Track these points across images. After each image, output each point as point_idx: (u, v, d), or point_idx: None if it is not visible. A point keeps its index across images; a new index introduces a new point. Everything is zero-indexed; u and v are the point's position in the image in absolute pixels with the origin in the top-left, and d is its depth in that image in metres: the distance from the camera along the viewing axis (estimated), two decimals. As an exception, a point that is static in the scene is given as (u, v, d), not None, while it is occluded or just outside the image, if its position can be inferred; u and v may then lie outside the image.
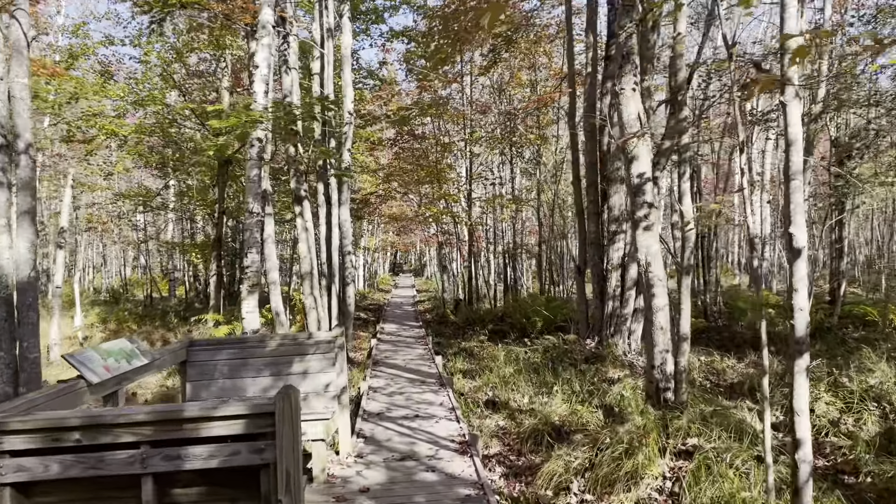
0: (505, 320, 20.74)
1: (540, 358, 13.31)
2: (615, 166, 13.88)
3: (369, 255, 47.32)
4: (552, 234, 22.50)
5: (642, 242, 7.79)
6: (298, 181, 14.54)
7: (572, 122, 15.30)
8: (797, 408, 4.31)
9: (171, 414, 3.65)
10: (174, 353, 6.67)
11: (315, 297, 14.54)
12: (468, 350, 16.50)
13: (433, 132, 24.15)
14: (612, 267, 13.85)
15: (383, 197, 26.32)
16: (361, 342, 19.39)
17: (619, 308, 13.78)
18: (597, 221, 14.49)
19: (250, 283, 10.71)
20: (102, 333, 20.95)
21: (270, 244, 14.45)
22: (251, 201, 10.66)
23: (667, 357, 7.75)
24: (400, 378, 12.06)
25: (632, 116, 7.84)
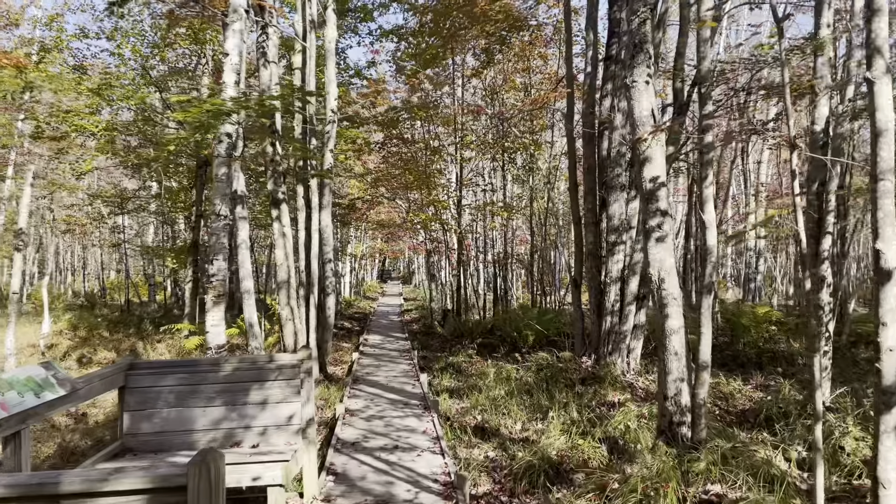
0: (494, 333, 19.76)
1: (533, 377, 12.34)
2: (615, 172, 12.97)
3: (356, 262, 46.22)
4: (545, 244, 21.56)
5: (655, 255, 6.86)
6: (276, 183, 13.52)
7: (570, 126, 14.39)
8: (882, 477, 3.35)
9: (43, 487, 2.63)
10: (107, 380, 5.65)
11: (292, 308, 13.50)
12: (456, 366, 15.51)
13: (423, 135, 23.19)
14: (611, 280, 12.92)
15: (371, 202, 25.30)
16: (343, 354, 18.36)
17: (618, 324, 12.84)
18: (595, 231, 13.57)
19: (216, 293, 9.68)
20: (70, 341, 19.79)
21: (244, 250, 13.43)
22: (219, 202, 9.65)
23: (682, 387, 6.80)
24: (381, 399, 11.05)
25: (644, 113, 6.92)
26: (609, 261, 13.00)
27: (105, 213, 24.62)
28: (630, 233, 13.01)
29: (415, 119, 23.00)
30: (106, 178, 34.79)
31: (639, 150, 6.95)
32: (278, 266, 13.58)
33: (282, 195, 13.60)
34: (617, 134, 12.98)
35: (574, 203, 14.23)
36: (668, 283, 6.81)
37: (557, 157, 21.57)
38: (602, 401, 10.74)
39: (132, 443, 5.94)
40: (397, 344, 18.92)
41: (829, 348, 8.49)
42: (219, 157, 9.61)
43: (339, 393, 11.76)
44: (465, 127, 22.35)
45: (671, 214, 7.06)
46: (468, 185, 22.48)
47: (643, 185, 6.94)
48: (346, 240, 40.13)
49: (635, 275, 12.75)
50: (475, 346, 17.69)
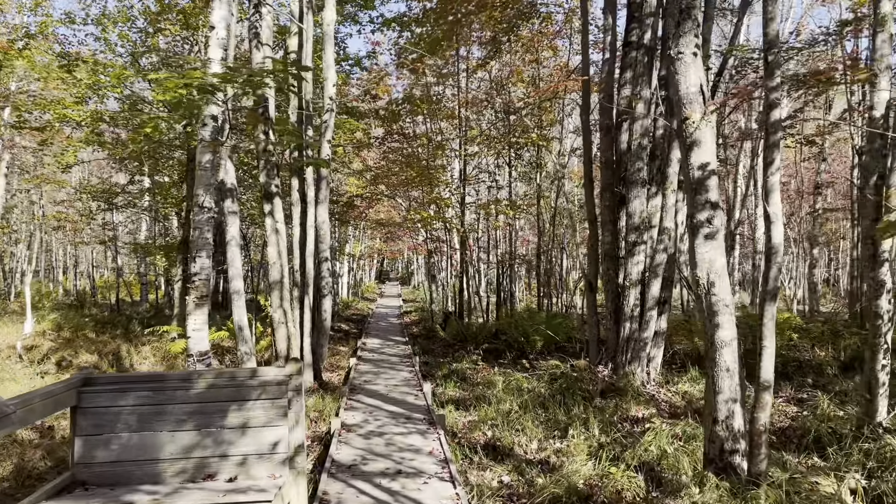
0: (500, 337, 18.78)
1: (546, 388, 11.37)
2: (636, 167, 11.99)
3: (354, 262, 45.21)
4: (552, 245, 20.59)
5: (703, 254, 5.88)
6: (269, 175, 12.52)
7: (585, 117, 13.42)
8: None
9: None
10: (54, 399, 4.64)
11: (285, 311, 12.50)
12: (460, 373, 14.53)
13: (426, 131, 22.20)
14: (631, 283, 11.94)
15: (370, 199, 24.28)
16: (340, 359, 17.36)
17: (638, 331, 11.87)
18: (612, 230, 12.60)
19: (199, 294, 8.70)
20: (53, 342, 18.75)
21: (234, 247, 12.43)
22: (202, 193, 8.67)
23: (734, 409, 5.82)
24: (381, 412, 10.05)
25: (692, 89, 5.94)
26: (628, 262, 12.03)
27: (93, 209, 23.59)
28: (651, 232, 12.04)
29: (417, 113, 22.04)
30: (97, 174, 33.77)
31: (685, 133, 5.98)
32: (270, 265, 12.58)
33: (275, 188, 12.60)
34: (638, 125, 12.00)
35: (589, 200, 13.25)
36: (718, 288, 5.83)
37: (566, 154, 20.60)
38: (625, 416, 9.77)
39: (85, 474, 4.94)
40: (397, 349, 17.93)
41: (888, 361, 7.51)
42: (202, 142, 8.62)
43: (335, 404, 10.76)
44: (469, 122, 21.39)
45: (722, 207, 6.07)
46: (472, 182, 21.48)
47: (690, 172, 5.96)
48: (344, 239, 39.08)
49: (657, 277, 11.78)
50: (480, 351, 16.70)
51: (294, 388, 5.19)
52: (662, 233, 11.78)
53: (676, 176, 11.84)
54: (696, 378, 11.95)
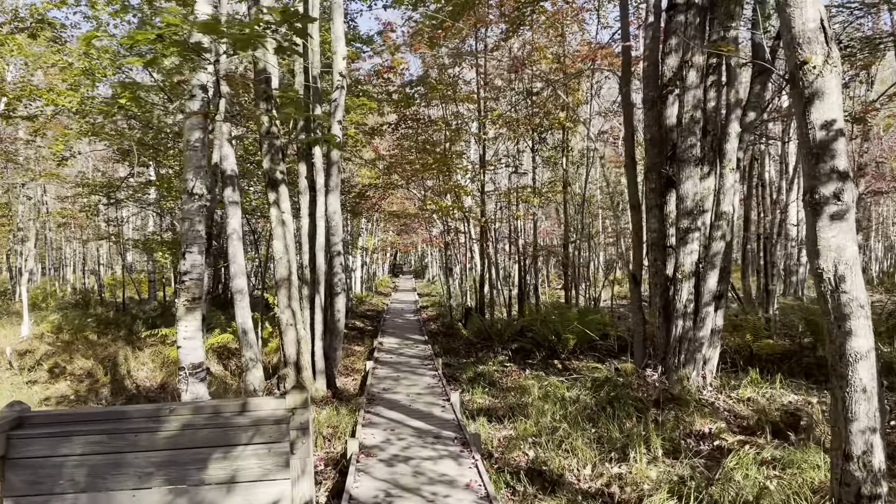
0: (526, 335, 17.41)
1: (590, 396, 10.00)
2: (688, 143, 10.55)
3: (367, 256, 43.90)
4: (581, 234, 19.14)
5: (830, 240, 4.50)
6: (273, 160, 11.21)
7: (626, 88, 12.00)
8: None
9: None
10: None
11: (294, 311, 11.21)
12: (487, 376, 13.21)
13: (442, 115, 20.78)
14: (683, 275, 10.52)
15: (384, 188, 22.89)
16: (355, 361, 16.08)
17: (692, 329, 10.46)
18: (659, 216, 11.19)
19: (189, 296, 7.39)
20: (50, 346, 17.56)
21: (236, 241, 11.15)
22: (191, 178, 7.34)
23: (873, 442, 4.46)
24: (404, 428, 8.72)
25: (810, 25, 4.55)
26: (680, 252, 10.61)
27: (93, 204, 22.38)
28: (704, 217, 10.62)
29: (432, 98, 20.65)
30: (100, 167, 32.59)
31: (802, 82, 4.58)
32: (277, 260, 11.29)
33: (280, 175, 11.29)
34: (690, 95, 10.56)
35: (632, 183, 11.84)
36: (850, 283, 4.46)
37: (594, 137, 19.12)
38: (688, 431, 8.40)
39: (17, 550, 3.63)
40: (416, 348, 16.60)
41: None
42: (191, 116, 7.29)
43: (352, 418, 9.45)
44: (488, 104, 19.97)
45: (852, 178, 4.65)
46: (492, 168, 20.02)
47: (810, 133, 4.57)
48: (357, 232, 37.76)
49: (714, 268, 10.35)
50: (508, 352, 15.36)
51: (299, 427, 3.87)
52: (720, 218, 10.35)
53: (735, 153, 10.41)
54: (757, 382, 10.55)
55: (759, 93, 11.19)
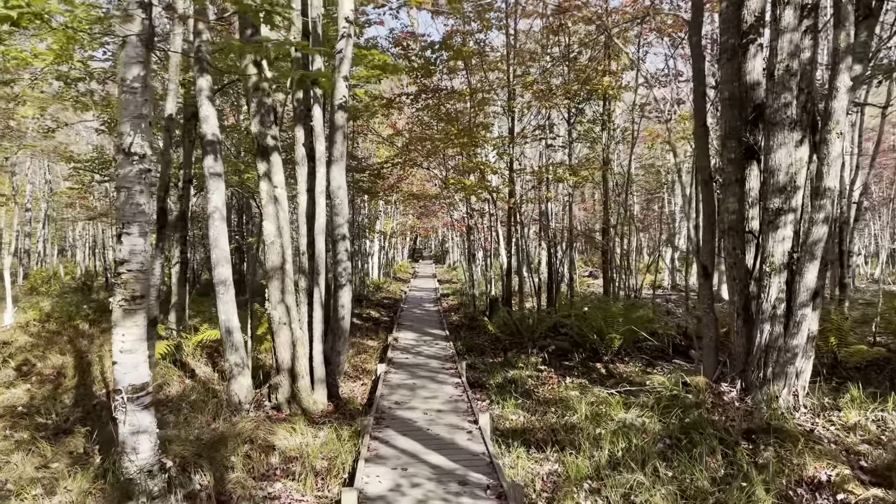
0: (561, 331, 15.33)
1: (655, 419, 7.91)
2: (781, 101, 8.33)
3: (385, 241, 41.91)
4: (623, 218, 16.94)
5: None
6: (263, 122, 9.18)
7: (696, 36, 9.78)
8: None
9: None
10: None
11: (288, 307, 9.23)
12: (519, 383, 11.18)
13: (468, 85, 18.61)
14: (772, 268, 8.36)
15: (402, 165, 20.77)
16: (367, 359, 14.10)
17: (783, 336, 8.31)
18: (739, 194, 9.02)
19: (128, 294, 5.41)
20: (31, 337, 15.77)
21: (219, 221, 9.13)
22: (129, 131, 5.32)
23: None
24: (419, 465, 6.70)
25: None
26: (768, 238, 8.43)
27: (87, 182, 20.63)
28: (797, 195, 8.44)
29: (454, 69, 18.52)
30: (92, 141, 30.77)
31: None
32: (268, 245, 9.30)
33: (272, 141, 9.26)
34: (785, 41, 8.33)
35: (703, 153, 9.66)
36: None
37: (638, 108, 16.86)
38: (798, 477, 6.29)
39: None
40: (436, 346, 14.60)
41: None
42: (127, 45, 5.26)
43: (353, 445, 7.44)
44: (518, 70, 17.78)
45: None
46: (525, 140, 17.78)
47: None
48: (374, 215, 35.75)
49: (813, 259, 8.17)
50: (544, 354, 13.29)
51: None
52: (822, 196, 8.15)
53: (844, 113, 8.18)
54: (861, 401, 8.39)
55: (865, 42, 8.95)
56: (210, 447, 6.92)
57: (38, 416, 8.63)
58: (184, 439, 6.97)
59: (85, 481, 5.74)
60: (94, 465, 6.15)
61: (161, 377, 10.74)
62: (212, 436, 7.35)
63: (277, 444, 7.42)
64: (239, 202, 26.68)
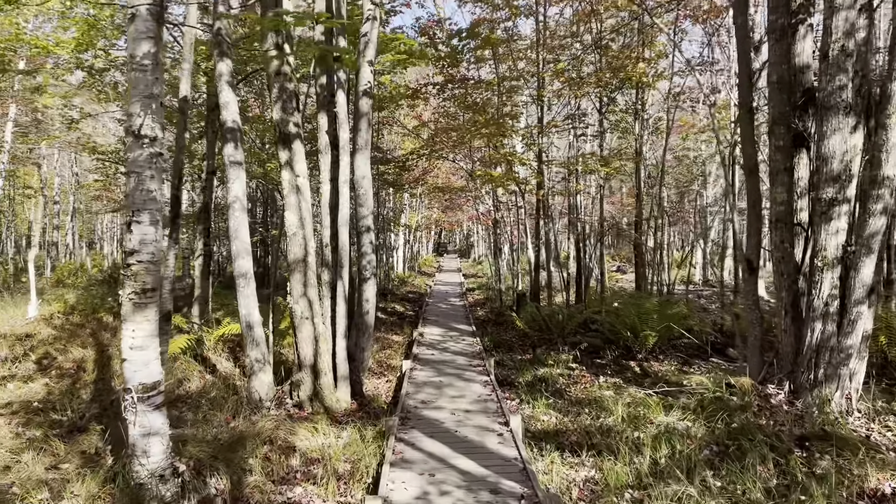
0: (591, 328, 14.83)
1: (699, 423, 7.42)
2: (836, 84, 7.76)
3: (411, 234, 41.55)
4: (657, 210, 16.34)
5: None
6: (285, 109, 8.82)
7: (742, 18, 9.21)
8: None
9: None
10: None
11: (310, 301, 8.88)
12: (550, 382, 10.73)
13: (496, 75, 18.12)
14: (825, 262, 7.81)
15: (428, 157, 20.34)
16: (392, 355, 13.74)
17: (836, 335, 7.77)
18: (788, 183, 8.47)
19: (138, 287, 5.07)
20: (54, 329, 15.64)
21: (239, 212, 8.80)
22: (138, 113, 4.97)
23: None
24: (448, 471, 6.29)
25: None
26: (820, 231, 7.88)
27: (110, 174, 20.51)
28: (851, 185, 7.87)
29: (482, 59, 18.02)
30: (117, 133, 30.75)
31: None
32: (290, 237, 8.94)
33: (294, 128, 8.90)
34: (841, 18, 7.75)
35: (748, 139, 9.10)
36: None
37: (672, 97, 16.24)
38: (860, 489, 5.78)
39: None
40: (463, 342, 14.20)
41: None
42: (136, 18, 4.91)
43: (378, 447, 7.07)
44: (547, 58, 17.25)
45: None
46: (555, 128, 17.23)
47: None
48: (400, 208, 35.40)
49: (870, 253, 7.63)
50: (576, 352, 12.81)
51: None
52: (879, 185, 7.58)
53: (904, 95, 7.61)
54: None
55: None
56: (228, 448, 6.59)
57: (54, 413, 8.37)
58: (200, 439, 6.64)
59: (94, 484, 5.42)
60: (105, 466, 5.84)
61: (181, 372, 10.45)
62: (230, 435, 7.02)
63: (298, 445, 7.08)
64: (263, 194, 26.48)
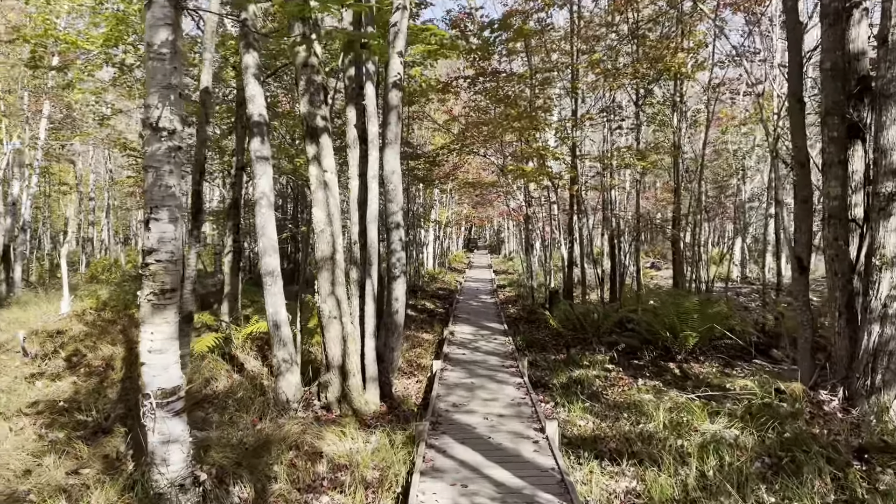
0: (628, 327, 14.38)
1: (748, 431, 6.99)
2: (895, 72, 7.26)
3: (441, 230, 41.28)
4: (697, 206, 15.78)
5: None
6: (313, 102, 8.56)
7: (791, 1, 8.69)
8: None
9: None
10: None
11: (338, 300, 8.62)
12: (586, 384, 10.34)
13: (528, 67, 17.70)
14: (883, 261, 7.30)
15: (459, 152, 20.00)
16: (422, 354, 13.47)
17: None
18: (842, 177, 7.97)
19: (157, 288, 4.82)
20: (86, 326, 15.65)
21: (266, 208, 8.57)
22: (156, 104, 4.71)
23: None
24: (481, 482, 5.96)
25: None
26: (879, 227, 7.37)
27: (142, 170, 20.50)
28: (912, 178, 7.35)
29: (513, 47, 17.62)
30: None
31: None
32: (317, 234, 8.69)
33: (322, 122, 8.64)
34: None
35: (799, 131, 8.60)
36: None
37: (712, 89, 15.66)
38: (930, 509, 5.33)
39: None
40: (494, 341, 13.87)
41: None
42: (153, 4, 4.66)
43: (407, 453, 6.77)
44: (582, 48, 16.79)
45: None
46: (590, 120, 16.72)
47: None
48: (430, 204, 35.14)
49: (935, 252, 7.12)
50: (613, 353, 12.39)
51: None
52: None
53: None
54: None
55: None
56: (252, 453, 6.35)
57: (79, 413, 8.23)
58: (224, 444, 6.41)
59: (113, 492, 5.21)
60: (126, 473, 5.63)
61: (209, 371, 10.28)
62: (256, 439, 6.79)
63: (325, 450, 6.81)
64: (294, 190, 26.40)
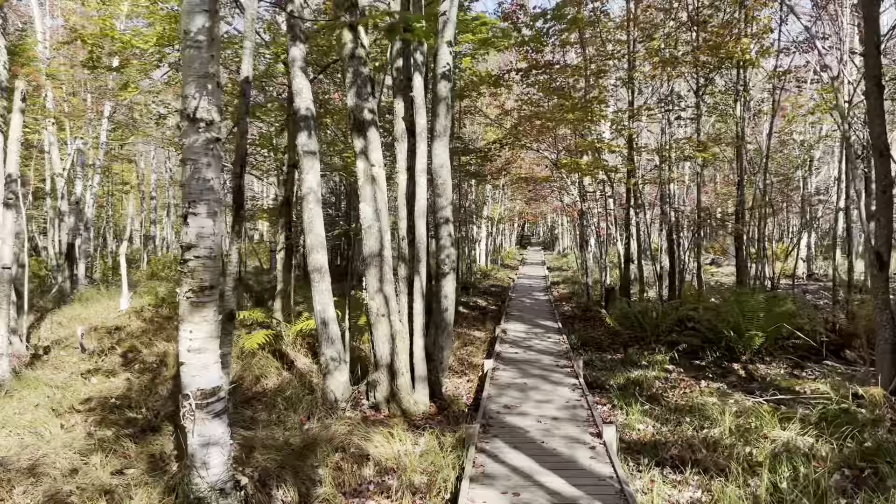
0: (688, 326, 13.79)
1: (824, 439, 6.47)
2: None
3: (493, 227, 40.89)
4: (760, 201, 14.99)
5: None
6: (360, 95, 8.36)
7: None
8: None
9: None
10: None
11: (387, 297, 8.41)
12: (645, 386, 9.88)
13: (583, 58, 17.20)
14: (977, 256, 6.67)
15: (511, 146, 19.62)
16: (473, 352, 13.16)
17: None
18: (928, 164, 7.35)
19: (196, 285, 4.67)
20: (144, 322, 15.91)
21: (313, 204, 8.43)
22: (194, 92, 4.54)
23: None
24: (534, 491, 5.63)
25: None
26: (971, 219, 6.76)
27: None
28: None
29: (566, 39, 17.12)
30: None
31: None
32: (365, 230, 8.49)
33: (369, 115, 8.43)
34: None
35: (876, 116, 7.96)
36: None
37: (779, 78, 14.85)
38: None
39: None
40: (548, 340, 13.47)
41: None
42: (188, -9, 4.49)
43: (457, 457, 6.48)
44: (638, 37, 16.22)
45: None
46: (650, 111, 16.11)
47: None
48: (482, 200, 34.79)
49: None
50: (674, 353, 11.86)
51: None
52: None
53: None
54: None
55: None
56: (297, 455, 6.17)
57: (130, 410, 8.24)
58: (269, 445, 6.25)
59: (155, 494, 5.09)
60: (169, 474, 5.51)
61: (259, 369, 10.23)
62: (302, 440, 6.62)
63: (372, 453, 6.59)
64: (346, 187, 26.44)
